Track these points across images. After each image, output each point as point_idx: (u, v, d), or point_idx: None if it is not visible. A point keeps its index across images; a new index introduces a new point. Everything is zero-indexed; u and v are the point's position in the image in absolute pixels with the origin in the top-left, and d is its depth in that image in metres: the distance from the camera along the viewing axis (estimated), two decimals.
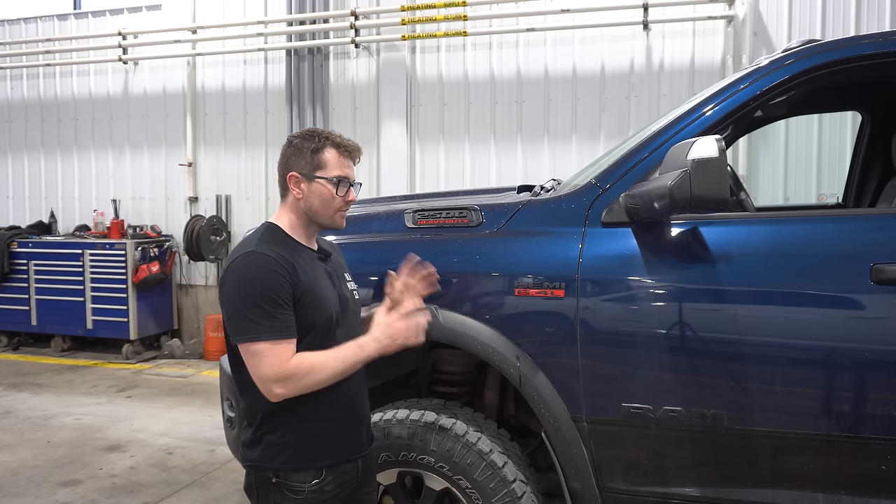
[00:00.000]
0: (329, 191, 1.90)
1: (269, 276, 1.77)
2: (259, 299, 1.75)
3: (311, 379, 1.77)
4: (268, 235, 1.89)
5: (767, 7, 5.73)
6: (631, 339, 2.14)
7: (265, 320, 1.75)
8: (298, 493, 1.84)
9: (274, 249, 1.83)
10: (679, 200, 1.90)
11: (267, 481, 1.86)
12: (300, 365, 1.76)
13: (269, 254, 1.80)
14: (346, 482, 1.94)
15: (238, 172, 7.34)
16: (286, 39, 6.94)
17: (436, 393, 2.62)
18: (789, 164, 5.75)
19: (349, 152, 1.94)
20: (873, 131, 3.29)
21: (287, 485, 1.84)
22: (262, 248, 1.82)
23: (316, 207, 1.91)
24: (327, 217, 1.93)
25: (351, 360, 1.82)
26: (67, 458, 4.26)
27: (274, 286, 1.77)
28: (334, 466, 1.89)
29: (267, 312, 1.75)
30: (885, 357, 1.97)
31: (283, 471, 1.85)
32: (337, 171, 1.90)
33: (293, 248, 1.89)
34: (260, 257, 1.80)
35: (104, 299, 6.97)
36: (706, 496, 2.12)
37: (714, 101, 2.24)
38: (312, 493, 1.85)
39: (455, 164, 6.58)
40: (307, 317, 1.83)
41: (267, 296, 1.76)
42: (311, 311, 1.84)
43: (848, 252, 2.05)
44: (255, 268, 1.79)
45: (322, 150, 1.90)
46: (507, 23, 6.31)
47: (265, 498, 1.87)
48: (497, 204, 2.46)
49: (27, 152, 8.18)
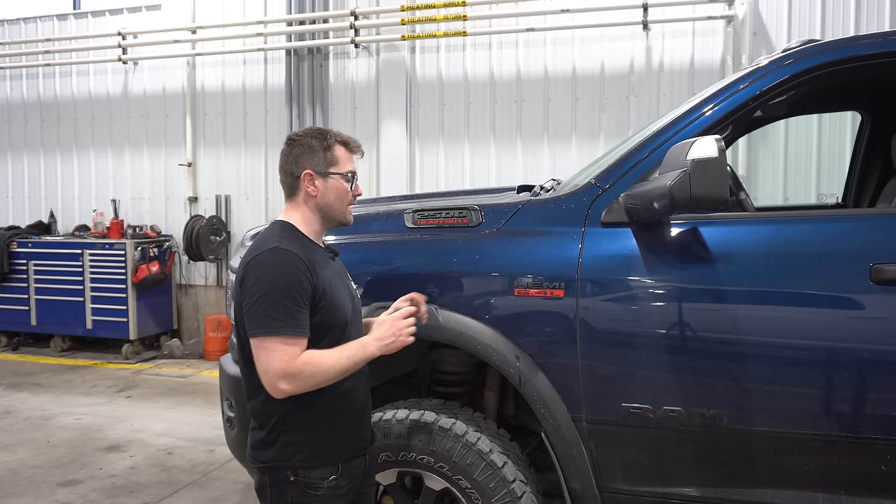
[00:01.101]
0: (344, 186, 1.97)
1: (292, 273, 1.80)
2: (280, 295, 1.78)
3: (318, 377, 1.80)
4: (287, 233, 1.93)
5: (767, 7, 5.73)
6: (631, 339, 2.14)
7: (282, 316, 1.77)
8: (318, 490, 1.88)
9: (295, 247, 1.87)
10: (679, 200, 1.90)
11: (284, 480, 1.89)
12: (308, 363, 1.78)
13: (293, 251, 1.84)
14: (356, 476, 1.99)
15: (238, 172, 7.34)
16: (286, 39, 6.94)
17: (436, 393, 2.62)
18: (789, 164, 5.75)
19: (355, 149, 2.04)
20: (873, 131, 3.29)
21: (306, 482, 1.88)
22: (285, 244, 1.86)
23: (332, 203, 1.97)
24: (341, 212, 2.00)
25: (355, 359, 1.85)
26: (67, 458, 4.26)
27: (295, 283, 1.80)
28: (348, 461, 1.94)
29: (286, 309, 1.77)
30: (885, 357, 1.97)
31: (302, 468, 1.88)
32: (349, 166, 1.99)
33: (309, 247, 1.94)
34: (284, 254, 1.83)
35: (104, 299, 6.96)
36: (706, 496, 2.12)
37: (714, 101, 2.24)
38: (331, 488, 1.90)
39: (455, 164, 6.58)
40: (326, 316, 1.87)
41: (288, 292, 1.78)
42: (329, 310, 1.88)
43: (848, 252, 2.05)
44: (279, 264, 1.81)
45: (333, 147, 1.97)
46: (506, 23, 6.31)
47: (282, 497, 1.90)
48: (497, 204, 2.46)
49: (27, 152, 8.18)
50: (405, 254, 2.36)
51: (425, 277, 2.31)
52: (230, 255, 7.11)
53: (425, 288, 2.27)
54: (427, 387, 2.69)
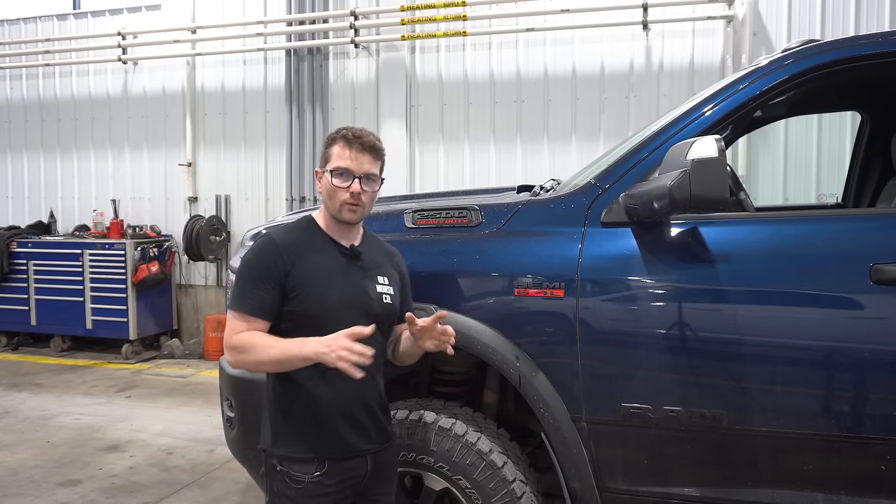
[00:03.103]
0: (328, 181, 1.96)
1: (261, 256, 1.92)
2: (244, 273, 1.92)
3: (251, 357, 1.85)
4: (295, 224, 2.03)
5: (767, 7, 5.73)
6: (630, 339, 2.14)
7: (238, 293, 1.90)
8: (298, 483, 1.90)
9: (285, 235, 1.96)
10: (679, 200, 1.90)
11: (272, 468, 1.94)
12: (243, 341, 1.86)
13: (273, 236, 1.94)
14: (352, 479, 1.95)
15: (237, 172, 7.34)
16: (286, 39, 6.94)
17: (436, 393, 2.62)
18: (789, 164, 5.75)
19: (355, 145, 1.94)
20: (873, 131, 3.29)
21: (289, 474, 1.91)
22: (273, 231, 1.97)
23: (325, 199, 2.01)
24: (334, 209, 1.99)
25: (288, 353, 1.82)
26: (67, 458, 4.26)
27: (260, 266, 1.90)
28: (337, 461, 1.92)
29: (245, 288, 1.90)
30: (885, 357, 1.97)
31: (287, 460, 1.91)
32: (337, 162, 1.95)
33: (316, 241, 1.98)
34: (263, 238, 1.96)
35: (104, 299, 6.96)
36: (706, 496, 2.12)
37: (714, 101, 2.24)
38: (313, 484, 1.90)
39: (455, 164, 6.58)
40: (301, 306, 1.90)
41: (250, 272, 1.91)
42: (306, 301, 1.90)
43: (848, 252, 2.05)
44: (254, 248, 1.96)
45: (332, 145, 2.00)
46: (506, 23, 6.31)
47: (271, 483, 1.96)
48: (497, 204, 2.46)
49: (27, 152, 8.18)
50: (405, 254, 2.35)
51: (425, 277, 2.31)
52: (230, 255, 7.11)
53: (425, 288, 2.27)
54: (427, 387, 2.69)
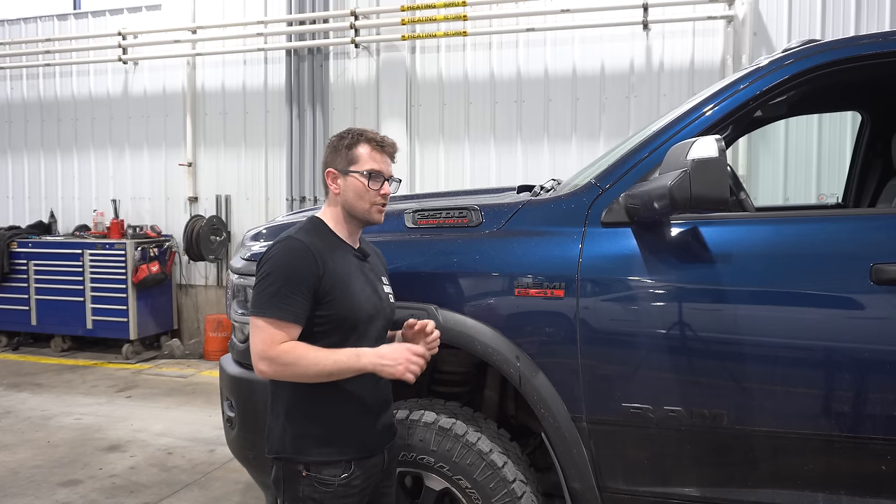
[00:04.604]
0: (362, 184, 1.97)
1: (295, 261, 1.85)
2: (277, 280, 1.83)
3: (296, 369, 1.81)
4: (309, 226, 1.99)
5: (767, 7, 5.73)
6: (631, 339, 2.14)
7: (274, 299, 1.82)
8: (328, 486, 1.89)
9: (310, 239, 1.92)
10: (679, 200, 1.90)
11: (296, 474, 1.90)
12: (288, 352, 1.80)
13: (302, 240, 1.90)
14: (373, 476, 1.99)
15: (238, 172, 7.34)
16: (286, 39, 6.94)
17: (436, 393, 2.62)
18: (789, 164, 5.75)
19: (382, 147, 2.01)
20: (873, 131, 3.29)
21: (318, 478, 1.89)
22: (299, 235, 1.92)
23: (351, 201, 1.99)
24: (363, 210, 1.99)
25: (342, 365, 1.82)
26: (67, 458, 4.26)
27: (296, 272, 1.84)
28: (362, 460, 1.93)
29: (280, 294, 1.82)
30: (885, 357, 1.97)
31: (315, 464, 1.89)
32: (370, 164, 1.98)
33: (332, 243, 1.97)
34: (293, 242, 1.89)
35: (104, 299, 6.97)
36: (706, 496, 2.12)
37: (714, 101, 2.24)
38: (342, 486, 1.90)
39: (455, 164, 6.58)
40: (334, 310, 1.88)
41: (285, 278, 1.83)
42: (338, 305, 1.89)
43: (848, 252, 2.05)
44: (285, 251, 1.88)
45: (356, 146, 1.99)
46: (506, 23, 6.31)
47: (293, 490, 1.91)
48: (497, 204, 2.46)
49: (27, 152, 8.18)
50: (405, 254, 2.36)
51: (425, 277, 2.31)
52: (230, 255, 7.11)
53: (426, 288, 2.27)
54: (427, 387, 2.69)
